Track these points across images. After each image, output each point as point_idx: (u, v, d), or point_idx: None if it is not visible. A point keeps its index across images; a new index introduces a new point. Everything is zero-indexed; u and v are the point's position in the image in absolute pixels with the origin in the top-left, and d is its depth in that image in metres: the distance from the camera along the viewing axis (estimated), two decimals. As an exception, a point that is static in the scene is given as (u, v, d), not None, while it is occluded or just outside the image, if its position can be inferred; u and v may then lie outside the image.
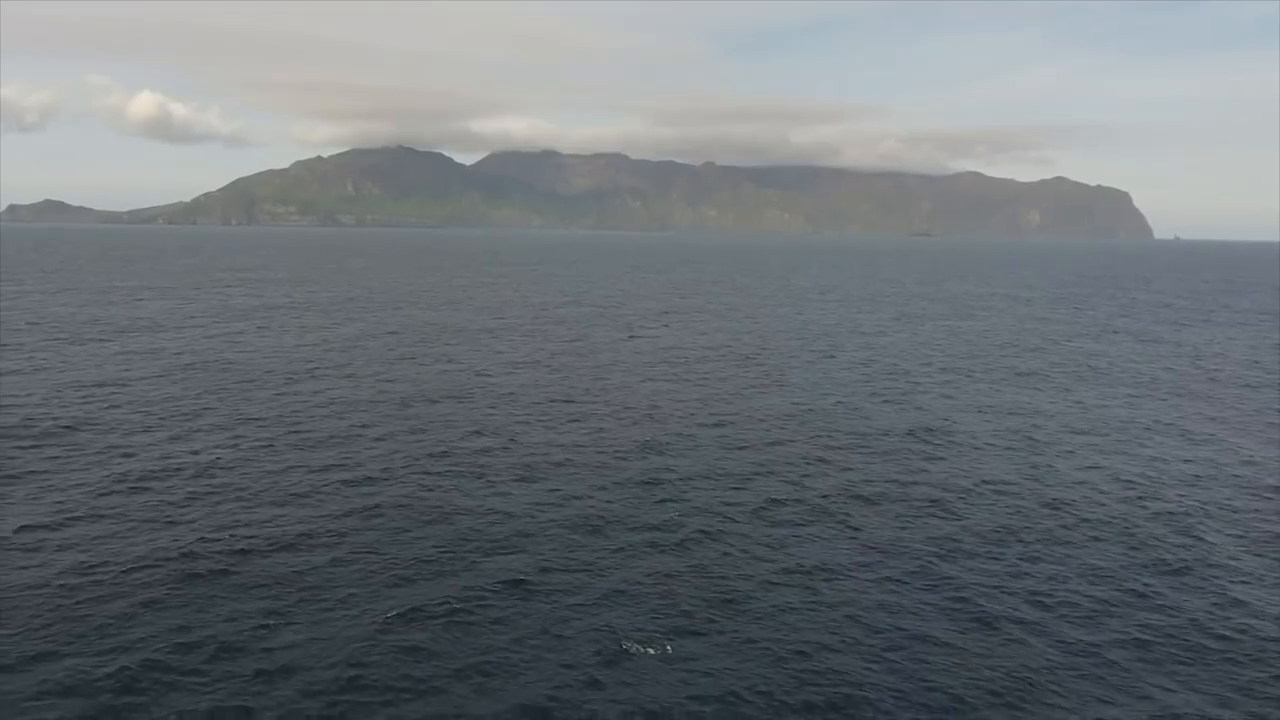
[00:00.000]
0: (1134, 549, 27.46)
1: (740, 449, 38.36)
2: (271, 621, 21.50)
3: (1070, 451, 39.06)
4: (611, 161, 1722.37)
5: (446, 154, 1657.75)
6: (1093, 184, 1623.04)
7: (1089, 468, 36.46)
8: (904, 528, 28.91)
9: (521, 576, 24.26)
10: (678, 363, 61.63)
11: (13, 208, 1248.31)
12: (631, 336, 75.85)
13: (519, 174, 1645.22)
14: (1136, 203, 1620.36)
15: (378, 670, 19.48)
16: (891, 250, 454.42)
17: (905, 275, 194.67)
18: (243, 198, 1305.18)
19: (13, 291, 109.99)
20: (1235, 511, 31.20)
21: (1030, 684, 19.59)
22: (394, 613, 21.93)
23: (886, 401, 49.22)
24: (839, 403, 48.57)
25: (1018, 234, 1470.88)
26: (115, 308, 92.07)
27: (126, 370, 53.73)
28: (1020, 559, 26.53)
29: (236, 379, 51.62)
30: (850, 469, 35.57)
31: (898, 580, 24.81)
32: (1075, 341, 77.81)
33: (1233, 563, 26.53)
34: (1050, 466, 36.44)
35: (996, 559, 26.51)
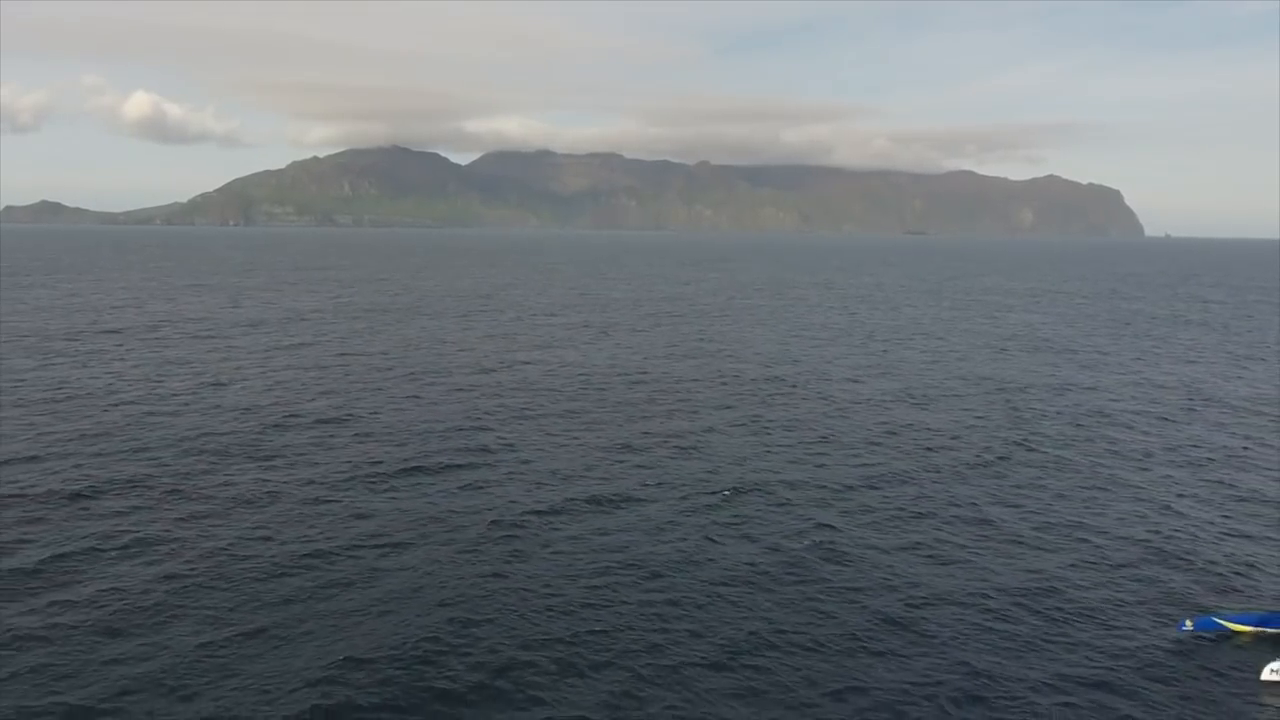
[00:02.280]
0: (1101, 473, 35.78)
1: (781, 406, 46.67)
2: (486, 504, 29.80)
3: (1052, 409, 47.36)
4: (606, 161, 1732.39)
5: (442, 154, 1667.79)
6: (1084, 182, 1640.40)
7: (1071, 415, 44.80)
8: (918, 459, 37.16)
9: (635, 494, 32.38)
10: (704, 346, 69.93)
11: (9, 209, 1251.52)
12: (657, 325, 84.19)
13: (514, 174, 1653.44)
14: (1128, 201, 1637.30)
15: (573, 543, 27.75)
16: (897, 250, 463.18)
17: (916, 274, 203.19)
18: (240, 198, 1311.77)
19: (68, 289, 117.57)
20: (1188, 446, 39.61)
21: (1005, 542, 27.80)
22: (568, 502, 30.32)
23: (884, 374, 57.53)
24: (846, 378, 56.91)
25: (1011, 232, 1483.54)
26: (171, 304, 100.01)
27: (227, 360, 61.73)
28: (1009, 474, 34.84)
29: (330, 357, 59.69)
30: (861, 420, 43.85)
31: (914, 497, 33.07)
32: (1075, 328, 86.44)
33: (1158, 474, 34.87)
34: (1024, 415, 44.73)
35: (991, 476, 34.81)
